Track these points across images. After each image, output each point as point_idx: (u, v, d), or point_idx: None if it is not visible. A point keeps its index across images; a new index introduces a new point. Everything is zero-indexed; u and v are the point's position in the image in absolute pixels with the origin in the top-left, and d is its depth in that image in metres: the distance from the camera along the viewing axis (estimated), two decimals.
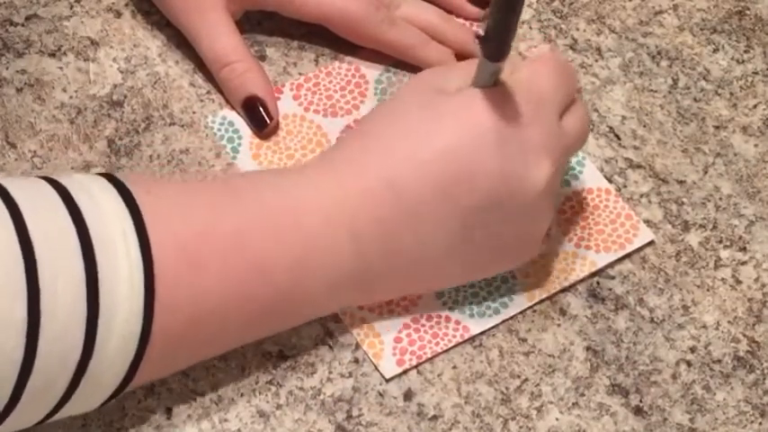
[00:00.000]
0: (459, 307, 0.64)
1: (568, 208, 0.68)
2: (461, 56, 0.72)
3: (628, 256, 0.66)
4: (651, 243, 0.67)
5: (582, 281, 0.65)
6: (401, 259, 0.60)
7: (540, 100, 0.60)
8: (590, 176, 0.69)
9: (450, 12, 0.75)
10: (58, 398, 0.52)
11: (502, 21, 0.56)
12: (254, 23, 0.73)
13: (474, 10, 0.75)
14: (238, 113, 0.70)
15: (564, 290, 0.65)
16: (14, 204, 0.51)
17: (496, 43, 0.57)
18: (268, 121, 0.69)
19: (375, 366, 0.62)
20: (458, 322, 0.63)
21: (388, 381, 0.62)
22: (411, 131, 0.59)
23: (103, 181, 0.55)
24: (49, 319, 0.50)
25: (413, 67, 0.72)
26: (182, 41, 0.72)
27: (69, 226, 0.51)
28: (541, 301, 0.65)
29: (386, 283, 0.61)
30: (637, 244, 0.67)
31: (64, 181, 0.54)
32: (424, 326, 0.63)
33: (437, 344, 0.63)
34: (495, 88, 0.59)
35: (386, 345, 0.62)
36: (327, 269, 0.58)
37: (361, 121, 0.63)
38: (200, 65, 0.71)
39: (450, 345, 0.63)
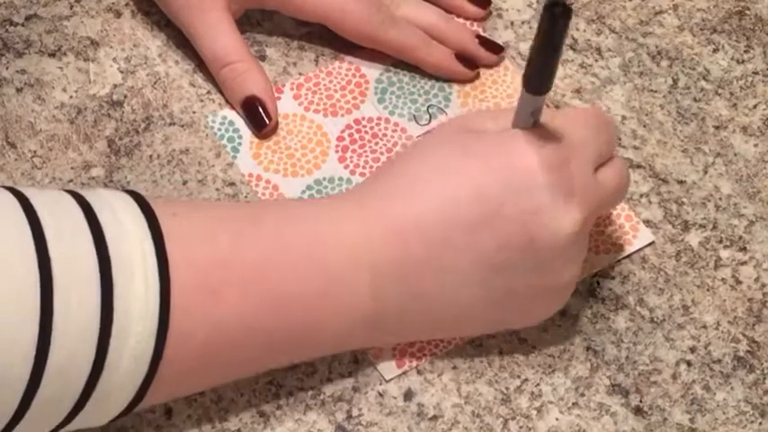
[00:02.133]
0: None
1: None
2: (462, 56, 0.72)
3: (628, 256, 0.66)
4: (651, 244, 0.67)
5: (581, 281, 0.65)
6: (420, 303, 0.58)
7: (574, 147, 0.58)
8: None
9: (450, 12, 0.75)
10: (64, 415, 0.52)
11: (545, 53, 0.54)
12: (254, 23, 0.73)
13: (474, 10, 0.74)
14: (238, 113, 0.70)
15: None
16: (36, 219, 0.51)
17: (539, 76, 0.55)
18: (267, 122, 0.69)
19: (374, 367, 0.62)
20: None
21: (387, 381, 0.62)
22: (438, 169, 0.58)
23: (128, 199, 0.54)
24: (61, 337, 0.49)
25: (413, 67, 0.72)
26: (182, 41, 0.72)
27: (89, 244, 0.51)
28: None
29: (405, 327, 0.60)
30: (637, 245, 0.67)
31: (89, 197, 0.53)
32: None
33: (436, 345, 0.63)
34: (528, 130, 0.58)
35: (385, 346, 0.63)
36: (345, 307, 0.57)
37: (392, 158, 0.63)
38: (201, 65, 0.71)
39: (450, 347, 0.63)
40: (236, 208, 0.60)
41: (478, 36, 0.73)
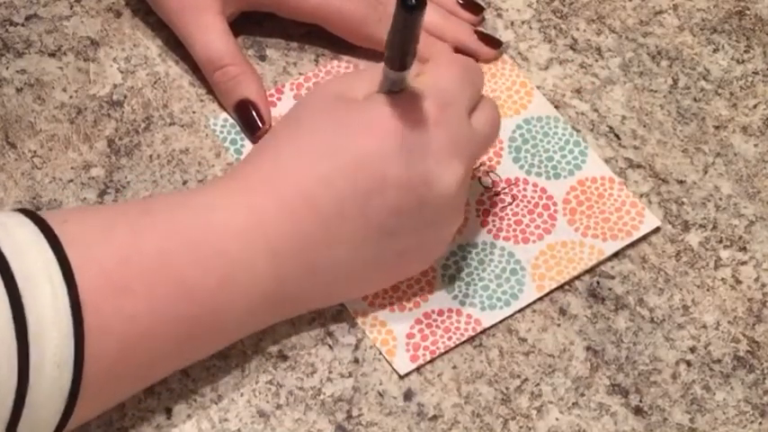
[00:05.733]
0: (469, 300, 0.64)
1: (573, 197, 0.68)
2: (461, 51, 0.72)
3: (633, 245, 0.66)
4: (658, 230, 0.67)
5: (589, 271, 0.65)
6: (317, 276, 0.60)
7: (446, 101, 0.60)
8: (593, 166, 0.69)
9: None
10: None
11: (402, 33, 0.56)
12: (253, 23, 0.73)
13: (467, 16, 0.74)
14: (231, 116, 0.70)
15: (564, 290, 0.65)
16: None
17: (398, 54, 0.57)
18: (261, 125, 0.69)
19: (389, 363, 0.62)
20: (469, 316, 0.64)
21: (402, 377, 0.62)
22: (321, 143, 0.59)
23: (19, 216, 0.54)
24: None
25: None
26: (182, 42, 0.72)
27: None
28: (551, 292, 0.65)
29: (304, 300, 0.62)
30: (643, 231, 0.67)
31: None
32: (435, 321, 0.63)
33: (449, 338, 0.63)
34: (400, 94, 0.59)
35: (398, 341, 0.63)
36: (248, 290, 0.58)
37: (269, 134, 0.62)
38: None
39: (463, 339, 0.63)
40: (125, 205, 0.60)
41: (477, 31, 0.73)
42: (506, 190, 0.68)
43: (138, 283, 0.54)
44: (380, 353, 0.62)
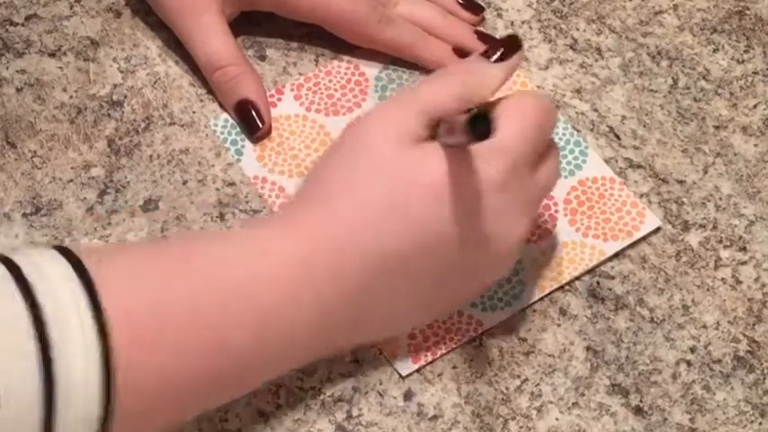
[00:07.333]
0: (470, 301, 0.64)
1: (574, 197, 0.68)
2: (460, 51, 0.72)
3: (633, 245, 0.66)
4: (658, 230, 0.67)
5: (589, 271, 0.65)
6: (359, 326, 0.59)
7: (514, 161, 0.57)
8: (593, 166, 0.69)
9: None
10: None
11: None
12: (253, 23, 0.73)
13: (467, 15, 0.74)
14: (231, 117, 0.70)
15: (564, 290, 0.65)
16: None
17: (488, 128, 0.52)
18: (260, 125, 0.69)
19: (391, 364, 0.62)
20: (470, 317, 0.64)
21: (404, 378, 0.62)
22: (377, 195, 0.56)
23: (54, 253, 0.52)
24: (2, 407, 0.47)
25: (412, 63, 0.72)
26: (181, 41, 0.72)
27: (21, 308, 0.49)
28: (552, 293, 0.65)
29: (339, 347, 0.60)
30: (644, 231, 0.67)
31: (17, 259, 0.51)
32: (437, 321, 0.63)
33: (451, 339, 0.63)
34: (465, 151, 0.56)
35: (400, 342, 0.63)
36: (286, 341, 0.56)
37: (321, 172, 0.59)
38: None
39: (464, 340, 0.63)
40: (166, 246, 0.58)
41: (477, 31, 0.73)
42: None
43: (168, 338, 0.53)
44: (381, 353, 0.62)
